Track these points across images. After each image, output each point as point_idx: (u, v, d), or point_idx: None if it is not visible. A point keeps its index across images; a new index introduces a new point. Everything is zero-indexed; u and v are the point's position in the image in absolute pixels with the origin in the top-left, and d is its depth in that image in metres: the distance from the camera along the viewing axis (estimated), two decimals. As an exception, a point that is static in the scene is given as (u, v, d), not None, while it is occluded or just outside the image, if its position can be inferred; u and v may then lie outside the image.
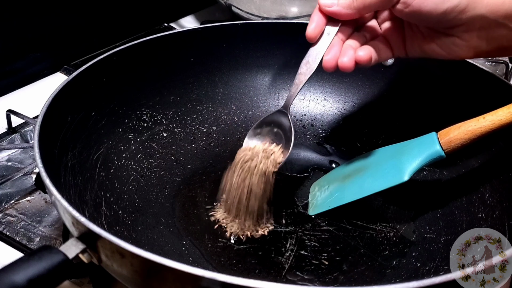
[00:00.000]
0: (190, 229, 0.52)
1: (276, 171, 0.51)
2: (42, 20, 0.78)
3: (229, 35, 0.65)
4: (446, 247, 0.47)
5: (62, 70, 0.81)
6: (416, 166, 0.49)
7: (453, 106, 0.58)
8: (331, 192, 0.54)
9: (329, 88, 0.67)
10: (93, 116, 0.53)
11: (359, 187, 0.52)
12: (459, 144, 0.47)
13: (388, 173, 0.50)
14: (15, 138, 0.66)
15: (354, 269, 0.48)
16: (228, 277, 0.31)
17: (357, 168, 0.54)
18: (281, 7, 0.84)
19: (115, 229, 0.48)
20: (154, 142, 0.60)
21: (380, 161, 0.53)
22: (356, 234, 0.52)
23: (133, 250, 0.32)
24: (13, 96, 0.75)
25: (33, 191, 0.59)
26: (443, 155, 0.48)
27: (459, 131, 0.47)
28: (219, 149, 0.63)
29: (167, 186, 0.57)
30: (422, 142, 0.50)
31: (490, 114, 0.46)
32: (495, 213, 0.49)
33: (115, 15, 0.90)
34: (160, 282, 0.34)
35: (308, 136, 0.66)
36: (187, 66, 0.63)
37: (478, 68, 0.56)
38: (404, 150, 0.51)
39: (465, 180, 0.55)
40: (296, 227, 0.52)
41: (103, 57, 0.55)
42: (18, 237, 0.53)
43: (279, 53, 0.67)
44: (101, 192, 0.50)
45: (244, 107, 0.66)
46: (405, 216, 0.54)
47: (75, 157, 0.49)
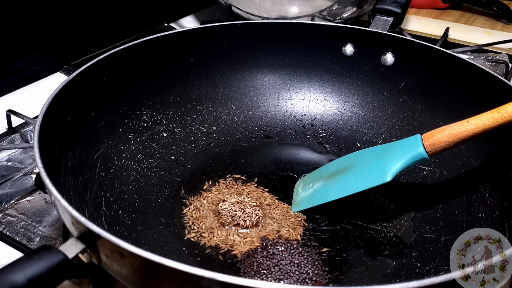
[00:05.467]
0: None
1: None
2: (42, 20, 0.78)
3: (229, 35, 0.65)
4: (446, 247, 0.47)
5: (62, 70, 0.81)
6: (400, 167, 0.49)
7: (453, 106, 0.58)
8: (315, 190, 0.54)
9: (329, 88, 0.67)
10: (93, 116, 0.53)
11: (343, 186, 0.52)
12: (442, 147, 0.48)
13: (371, 173, 0.51)
14: (15, 138, 0.66)
15: (354, 269, 0.48)
16: (228, 277, 0.31)
17: (342, 167, 0.55)
18: (281, 7, 0.84)
19: (115, 229, 0.48)
20: (154, 142, 0.60)
21: (364, 161, 0.53)
22: (356, 234, 0.52)
23: (133, 250, 0.32)
24: (13, 96, 0.75)
25: (33, 191, 0.59)
26: (426, 157, 0.49)
27: (443, 134, 0.48)
28: (219, 149, 0.63)
29: (167, 186, 0.57)
30: (407, 144, 0.51)
31: (474, 118, 0.47)
32: (495, 213, 0.49)
33: (115, 15, 0.90)
34: (160, 282, 0.34)
35: (308, 136, 0.66)
36: (187, 66, 0.63)
37: (478, 68, 0.56)
38: (388, 151, 0.52)
39: (465, 180, 0.55)
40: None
41: (103, 57, 0.55)
42: (18, 237, 0.53)
43: (279, 53, 0.67)
44: (101, 192, 0.50)
45: (244, 107, 0.67)
46: (405, 216, 0.54)
47: (75, 157, 0.49)
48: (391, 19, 0.68)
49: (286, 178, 0.59)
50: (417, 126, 0.61)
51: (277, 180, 0.59)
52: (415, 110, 0.62)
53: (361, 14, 0.89)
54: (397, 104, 0.63)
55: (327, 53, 0.66)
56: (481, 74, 0.55)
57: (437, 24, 1.01)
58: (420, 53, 0.61)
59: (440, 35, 0.92)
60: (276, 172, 0.60)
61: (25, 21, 0.76)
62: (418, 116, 0.61)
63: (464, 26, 1.01)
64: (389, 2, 0.69)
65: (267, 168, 0.61)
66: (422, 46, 0.61)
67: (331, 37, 0.65)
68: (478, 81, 0.56)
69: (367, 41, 0.64)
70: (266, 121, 0.67)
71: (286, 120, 0.67)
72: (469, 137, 0.47)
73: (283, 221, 0.52)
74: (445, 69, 0.59)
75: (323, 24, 0.67)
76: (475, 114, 0.47)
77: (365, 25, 0.70)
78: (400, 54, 0.63)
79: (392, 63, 0.63)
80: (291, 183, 0.58)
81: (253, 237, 0.50)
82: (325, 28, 0.65)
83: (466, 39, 0.94)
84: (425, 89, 0.61)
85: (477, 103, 0.54)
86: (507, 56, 0.85)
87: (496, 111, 0.46)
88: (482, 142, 0.53)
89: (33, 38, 0.78)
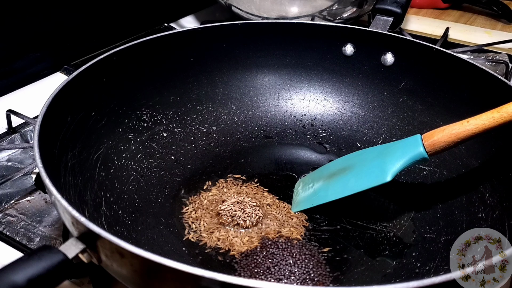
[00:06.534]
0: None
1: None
2: (42, 20, 0.78)
3: (229, 35, 0.65)
4: (446, 247, 0.47)
5: (62, 70, 0.81)
6: (400, 167, 0.49)
7: (453, 106, 0.58)
8: (315, 190, 0.54)
9: (329, 88, 0.67)
10: (93, 116, 0.53)
11: (343, 186, 0.52)
12: (442, 147, 0.48)
13: (371, 173, 0.51)
14: (15, 138, 0.66)
15: (354, 269, 0.48)
16: (228, 277, 0.31)
17: (342, 167, 0.55)
18: (281, 7, 0.84)
19: (115, 229, 0.48)
20: (154, 142, 0.60)
21: (364, 161, 0.53)
22: (356, 234, 0.52)
23: (133, 250, 0.32)
24: (13, 96, 0.75)
25: (33, 191, 0.59)
26: (426, 157, 0.49)
27: (443, 134, 0.48)
28: (219, 149, 0.63)
29: (167, 186, 0.57)
30: (407, 144, 0.51)
31: (474, 118, 0.47)
32: (495, 213, 0.49)
33: (115, 15, 0.90)
34: (160, 282, 0.34)
35: (308, 136, 0.66)
36: (187, 66, 0.63)
37: (478, 68, 0.56)
38: (388, 151, 0.52)
39: (465, 180, 0.55)
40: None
41: (103, 57, 0.55)
42: (18, 237, 0.53)
43: (279, 53, 0.67)
44: (101, 192, 0.50)
45: (244, 107, 0.67)
46: (405, 216, 0.54)
47: (75, 157, 0.49)
48: (391, 19, 0.68)
49: (286, 178, 0.59)
50: (417, 126, 0.61)
51: (277, 180, 0.59)
52: (415, 110, 0.62)
53: (361, 14, 0.89)
54: (397, 104, 0.63)
55: (327, 53, 0.66)
56: (481, 74, 0.55)
57: (437, 24, 1.01)
58: (420, 53, 0.61)
59: (440, 35, 0.92)
60: (276, 172, 0.60)
61: (25, 21, 0.76)
62: (418, 116, 0.61)
63: (464, 26, 1.01)
64: (389, 2, 0.69)
65: (267, 168, 0.61)
66: (422, 46, 0.61)
67: (331, 37, 0.65)
68: (478, 81, 0.56)
69: (367, 41, 0.64)
70: (266, 121, 0.67)
71: (286, 120, 0.67)
72: (469, 137, 0.47)
73: (283, 221, 0.52)
74: (445, 69, 0.59)
75: (323, 24, 0.67)
76: (475, 114, 0.47)
77: (365, 25, 0.70)
78: (400, 54, 0.63)
79: (392, 63, 0.63)
80: (291, 183, 0.58)
81: (253, 237, 0.50)
82: (325, 28, 0.65)
83: (466, 39, 0.94)
84: (425, 89, 0.61)
85: (477, 103, 0.54)
86: (507, 56, 0.85)
87: (496, 111, 0.46)
88: (482, 142, 0.53)
89: (33, 38, 0.78)
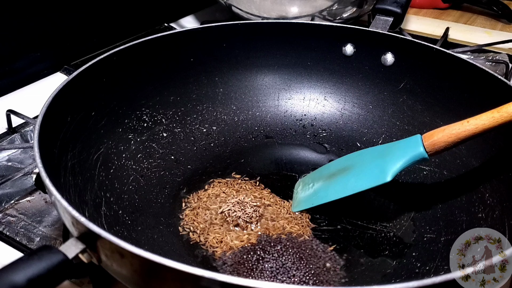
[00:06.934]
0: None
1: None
2: (42, 20, 0.78)
3: (229, 35, 0.65)
4: (446, 247, 0.47)
5: (62, 70, 0.81)
6: (400, 167, 0.50)
7: (453, 106, 0.58)
8: (315, 190, 0.54)
9: (329, 88, 0.67)
10: (93, 116, 0.53)
11: (343, 186, 0.52)
12: (442, 147, 0.48)
13: (372, 173, 0.51)
14: (15, 138, 0.66)
15: (354, 269, 0.48)
16: (228, 277, 0.31)
17: (342, 167, 0.55)
18: (281, 7, 0.84)
19: (115, 229, 0.48)
20: (154, 142, 0.60)
21: (364, 161, 0.53)
22: (356, 234, 0.52)
23: (133, 250, 0.32)
24: (13, 96, 0.75)
25: (33, 191, 0.59)
26: (426, 157, 0.49)
27: (443, 134, 0.48)
28: (219, 149, 0.63)
29: (167, 186, 0.57)
30: (407, 144, 0.51)
31: (474, 118, 0.47)
32: (495, 213, 0.49)
33: (115, 15, 0.90)
34: (160, 282, 0.34)
35: (308, 136, 0.66)
36: (187, 66, 0.63)
37: (478, 68, 0.56)
38: (388, 151, 0.52)
39: (465, 180, 0.55)
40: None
41: (103, 57, 0.55)
42: (18, 237, 0.53)
43: (279, 53, 0.67)
44: (101, 192, 0.50)
45: (244, 107, 0.67)
46: (405, 216, 0.54)
47: (75, 157, 0.49)
48: (391, 19, 0.68)
49: (286, 178, 0.59)
50: (417, 126, 0.61)
51: (277, 180, 0.59)
52: (415, 110, 0.62)
53: (361, 14, 0.89)
54: (397, 104, 0.63)
55: (327, 53, 0.66)
56: (481, 74, 0.55)
57: (437, 24, 1.01)
58: (420, 53, 0.61)
59: (440, 35, 0.92)
60: (276, 172, 0.60)
61: (25, 21, 0.76)
62: (418, 116, 0.61)
63: (464, 26, 1.01)
64: (389, 2, 0.69)
65: (267, 168, 0.61)
66: (422, 46, 0.61)
67: (331, 37, 0.65)
68: (478, 81, 0.56)
69: (367, 41, 0.64)
70: (266, 121, 0.67)
71: (286, 120, 0.67)
72: (469, 137, 0.47)
73: (284, 221, 0.52)
74: (445, 69, 0.59)
75: (323, 24, 0.67)
76: (475, 114, 0.47)
77: (365, 25, 0.70)
78: (400, 54, 0.63)
79: (392, 63, 0.63)
80: (291, 183, 0.58)
81: (253, 237, 0.50)
82: (325, 28, 0.65)
83: (466, 39, 0.94)
84: (425, 89, 0.61)
85: (477, 103, 0.54)
86: (507, 56, 0.85)
87: (496, 111, 0.46)
88: (482, 142, 0.53)
89: (33, 38, 0.78)
